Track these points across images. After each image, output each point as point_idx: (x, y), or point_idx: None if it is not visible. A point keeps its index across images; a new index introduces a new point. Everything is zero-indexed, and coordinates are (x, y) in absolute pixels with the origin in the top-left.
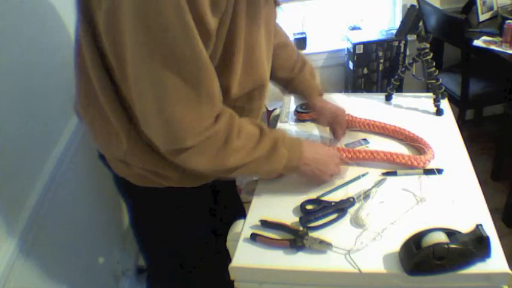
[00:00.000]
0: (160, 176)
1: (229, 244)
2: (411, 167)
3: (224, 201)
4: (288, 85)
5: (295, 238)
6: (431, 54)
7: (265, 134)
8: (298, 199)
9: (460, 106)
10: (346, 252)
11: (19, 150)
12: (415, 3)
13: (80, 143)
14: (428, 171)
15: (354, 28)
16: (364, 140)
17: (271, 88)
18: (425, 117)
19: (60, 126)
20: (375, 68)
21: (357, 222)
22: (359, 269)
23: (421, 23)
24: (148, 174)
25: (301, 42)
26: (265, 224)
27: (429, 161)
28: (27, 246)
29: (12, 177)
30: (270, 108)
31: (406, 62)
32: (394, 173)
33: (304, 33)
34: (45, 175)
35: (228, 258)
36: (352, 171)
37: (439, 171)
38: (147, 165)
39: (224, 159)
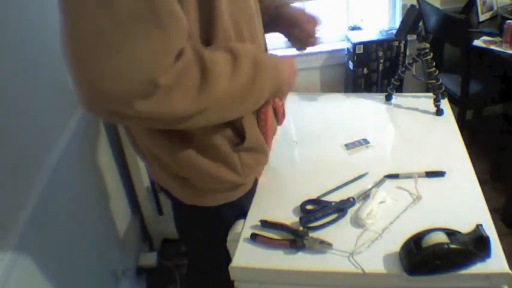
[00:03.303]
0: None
1: (229, 244)
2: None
3: None
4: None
5: (295, 238)
6: (431, 54)
7: (240, 53)
8: (298, 199)
9: (460, 106)
10: (349, 254)
11: (19, 150)
12: (415, 3)
13: (80, 142)
14: (431, 174)
15: (354, 28)
16: (364, 140)
17: None
18: (425, 117)
19: (60, 126)
20: (375, 68)
21: (357, 222)
22: (363, 270)
23: (421, 23)
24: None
25: None
26: (265, 224)
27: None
28: (27, 246)
29: (12, 177)
30: None
31: (406, 62)
32: (396, 176)
33: None
34: (46, 175)
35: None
36: (352, 171)
37: (442, 173)
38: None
39: (210, 89)
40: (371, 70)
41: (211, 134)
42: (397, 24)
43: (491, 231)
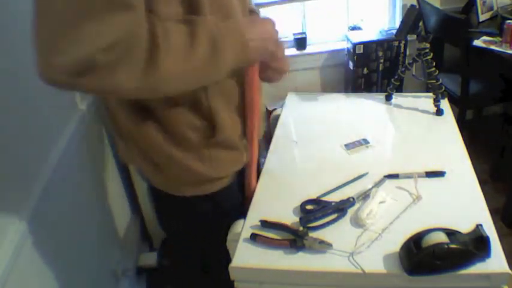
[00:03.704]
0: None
1: (229, 244)
2: None
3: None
4: None
5: (295, 238)
6: (431, 54)
7: (198, 28)
8: (298, 199)
9: (460, 106)
10: (349, 254)
11: (19, 150)
12: (415, 3)
13: (80, 142)
14: (431, 174)
15: (354, 28)
16: (364, 140)
17: (271, 89)
18: (425, 117)
19: (60, 126)
20: (375, 68)
21: (357, 222)
22: (363, 270)
23: (421, 23)
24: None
25: (301, 42)
26: (265, 224)
27: None
28: (27, 246)
29: (12, 177)
30: (270, 108)
31: (406, 62)
32: (396, 176)
33: (304, 33)
34: (45, 175)
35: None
36: (352, 171)
37: (442, 173)
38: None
39: (156, 69)
40: (371, 70)
41: (182, 123)
42: (397, 24)
43: (491, 231)
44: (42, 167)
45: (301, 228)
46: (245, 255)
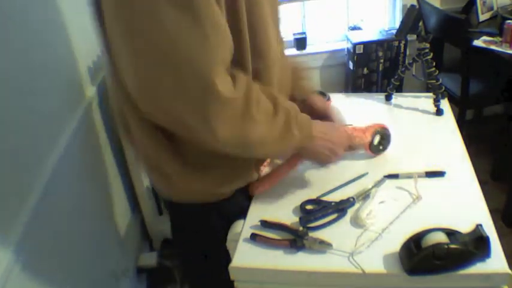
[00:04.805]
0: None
1: (229, 244)
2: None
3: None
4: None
5: (295, 238)
6: (431, 54)
7: (279, 109)
8: (298, 199)
9: (460, 106)
10: (349, 254)
11: (19, 150)
12: (415, 3)
13: (80, 142)
14: (431, 174)
15: (354, 28)
16: None
17: None
18: (425, 117)
19: (60, 126)
20: (375, 68)
21: (357, 222)
22: (363, 270)
23: (421, 23)
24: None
25: (301, 42)
26: (265, 224)
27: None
28: (27, 247)
29: (13, 177)
30: None
31: (406, 62)
32: (396, 176)
33: (304, 33)
34: (46, 174)
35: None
36: (352, 171)
37: (442, 173)
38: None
39: (246, 128)
40: (371, 70)
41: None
42: (397, 24)
43: (491, 231)
44: (42, 167)
45: (301, 228)
46: (245, 255)
